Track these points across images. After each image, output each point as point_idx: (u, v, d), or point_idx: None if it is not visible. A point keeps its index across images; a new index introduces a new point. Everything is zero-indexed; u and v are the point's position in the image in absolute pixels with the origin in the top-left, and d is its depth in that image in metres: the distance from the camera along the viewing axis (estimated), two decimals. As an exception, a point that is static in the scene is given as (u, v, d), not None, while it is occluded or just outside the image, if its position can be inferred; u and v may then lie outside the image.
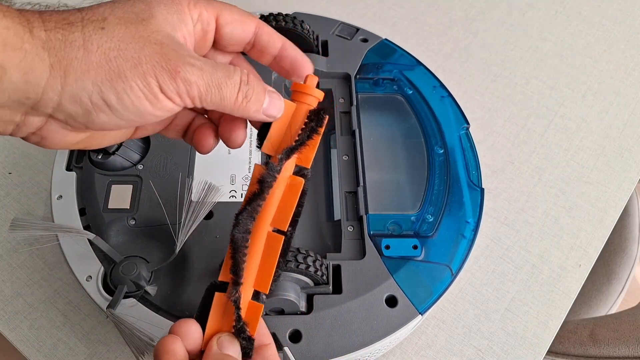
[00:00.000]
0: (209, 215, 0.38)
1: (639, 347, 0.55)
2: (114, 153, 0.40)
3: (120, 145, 0.40)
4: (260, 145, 0.29)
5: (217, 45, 0.29)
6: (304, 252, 0.34)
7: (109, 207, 0.38)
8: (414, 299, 0.36)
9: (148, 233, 0.37)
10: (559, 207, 0.49)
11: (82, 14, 0.24)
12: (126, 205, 0.38)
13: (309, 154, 0.29)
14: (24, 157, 0.50)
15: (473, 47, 0.60)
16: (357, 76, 0.47)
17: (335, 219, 0.39)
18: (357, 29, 0.51)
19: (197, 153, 0.41)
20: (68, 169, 0.40)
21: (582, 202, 0.50)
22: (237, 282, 0.27)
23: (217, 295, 0.28)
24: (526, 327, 0.43)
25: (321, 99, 0.30)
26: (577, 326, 0.61)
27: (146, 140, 0.42)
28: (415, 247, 0.37)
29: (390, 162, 0.42)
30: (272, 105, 0.28)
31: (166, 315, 0.35)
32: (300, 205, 0.29)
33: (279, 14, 0.46)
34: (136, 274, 0.34)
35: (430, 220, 0.39)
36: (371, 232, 0.38)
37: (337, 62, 0.47)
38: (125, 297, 0.34)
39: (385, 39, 0.50)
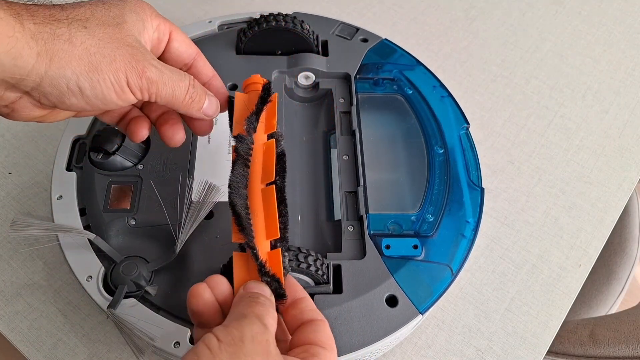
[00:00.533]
0: (210, 215, 0.38)
1: (639, 347, 0.55)
2: (114, 153, 0.40)
3: (120, 145, 0.40)
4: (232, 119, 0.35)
5: (163, 57, 0.34)
6: (305, 251, 0.34)
7: (109, 207, 0.38)
8: (415, 299, 0.36)
9: (148, 233, 0.37)
10: (559, 207, 0.49)
11: (66, 13, 0.27)
12: (126, 205, 0.38)
13: (272, 122, 0.35)
14: (24, 157, 0.50)
15: (473, 47, 0.60)
16: (357, 76, 0.47)
17: (336, 218, 0.39)
18: (357, 29, 0.51)
19: (197, 153, 0.41)
20: (68, 169, 0.40)
21: (582, 202, 0.50)
22: (244, 228, 0.29)
23: (235, 255, 0.30)
24: (526, 327, 0.43)
25: (265, 81, 0.36)
26: (577, 326, 0.61)
27: (146, 140, 0.42)
28: (415, 246, 0.37)
29: (390, 162, 0.42)
30: (209, 106, 0.34)
31: (166, 315, 0.35)
32: (284, 162, 0.34)
33: (279, 14, 0.46)
34: (136, 274, 0.34)
35: (431, 220, 0.39)
36: (371, 232, 0.38)
37: (337, 62, 0.47)
38: (126, 297, 0.34)
39: (385, 39, 0.50)
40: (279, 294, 0.29)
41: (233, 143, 0.32)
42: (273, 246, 0.30)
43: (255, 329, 0.25)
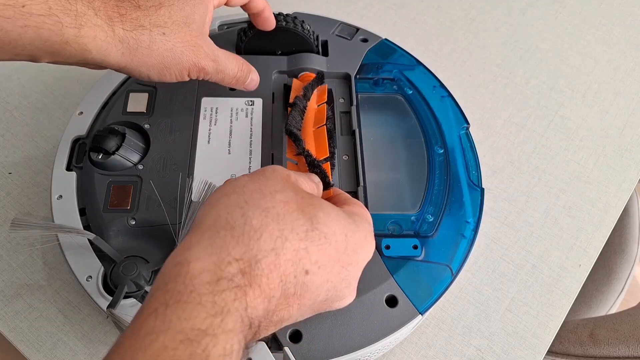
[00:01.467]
0: (209, 215, 0.38)
1: (639, 347, 0.55)
2: (114, 153, 0.40)
3: (120, 145, 0.40)
4: (289, 99, 0.44)
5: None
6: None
7: (109, 207, 0.38)
8: (414, 299, 0.36)
9: (148, 233, 0.37)
10: (559, 207, 0.49)
11: (149, 18, 0.33)
12: (126, 205, 0.38)
13: (322, 97, 0.44)
14: (24, 157, 0.50)
15: (473, 47, 0.60)
16: (357, 76, 0.47)
17: (336, 219, 0.39)
18: (357, 29, 0.51)
19: (197, 153, 0.41)
20: (68, 169, 0.40)
21: (582, 202, 0.50)
22: (297, 140, 0.39)
23: (290, 164, 0.39)
24: (526, 327, 0.43)
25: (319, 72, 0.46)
26: (577, 326, 0.61)
27: (146, 140, 0.42)
28: (415, 247, 0.37)
29: (390, 162, 0.42)
30: (250, 83, 0.41)
31: (166, 315, 0.35)
32: (331, 122, 0.43)
33: (280, 14, 0.46)
34: (136, 274, 0.34)
35: (431, 220, 0.39)
36: (371, 232, 0.38)
37: (337, 62, 0.47)
38: (126, 297, 0.34)
39: (385, 39, 0.50)
40: (326, 183, 0.35)
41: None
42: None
43: (277, 168, 0.29)
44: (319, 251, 0.26)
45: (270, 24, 0.44)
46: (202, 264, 0.23)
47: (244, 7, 0.42)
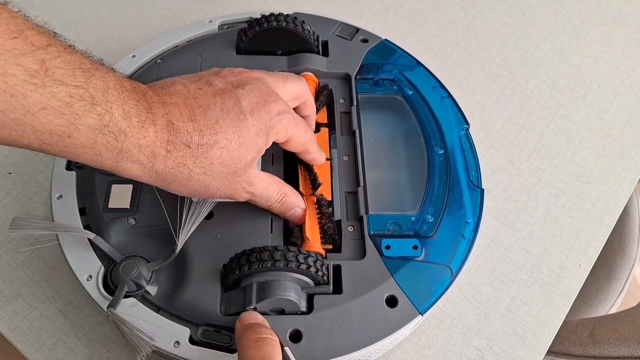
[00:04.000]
0: (210, 215, 0.38)
1: (639, 347, 0.55)
2: (114, 153, 0.39)
3: (120, 145, 0.40)
4: None
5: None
6: (305, 252, 0.34)
7: (109, 206, 0.38)
8: (414, 299, 0.36)
9: (148, 233, 0.37)
10: (559, 207, 0.49)
11: (196, 159, 0.32)
12: (126, 204, 0.38)
13: (324, 115, 0.45)
14: (24, 157, 0.50)
15: (473, 47, 0.60)
16: (357, 76, 0.47)
17: (336, 219, 0.39)
18: (357, 29, 0.51)
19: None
20: (68, 168, 0.40)
21: (582, 202, 0.50)
22: (312, 170, 0.40)
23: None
24: (526, 327, 0.43)
25: (327, 87, 0.47)
26: (577, 326, 0.61)
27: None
28: (415, 247, 0.37)
29: (390, 163, 0.42)
30: (293, 214, 0.39)
31: (166, 314, 0.35)
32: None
33: (280, 14, 0.46)
34: (136, 273, 0.34)
35: (431, 220, 0.39)
36: (371, 232, 0.38)
37: (337, 62, 0.47)
38: (126, 296, 0.34)
39: (385, 39, 0.50)
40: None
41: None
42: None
43: None
44: None
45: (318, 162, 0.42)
46: None
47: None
